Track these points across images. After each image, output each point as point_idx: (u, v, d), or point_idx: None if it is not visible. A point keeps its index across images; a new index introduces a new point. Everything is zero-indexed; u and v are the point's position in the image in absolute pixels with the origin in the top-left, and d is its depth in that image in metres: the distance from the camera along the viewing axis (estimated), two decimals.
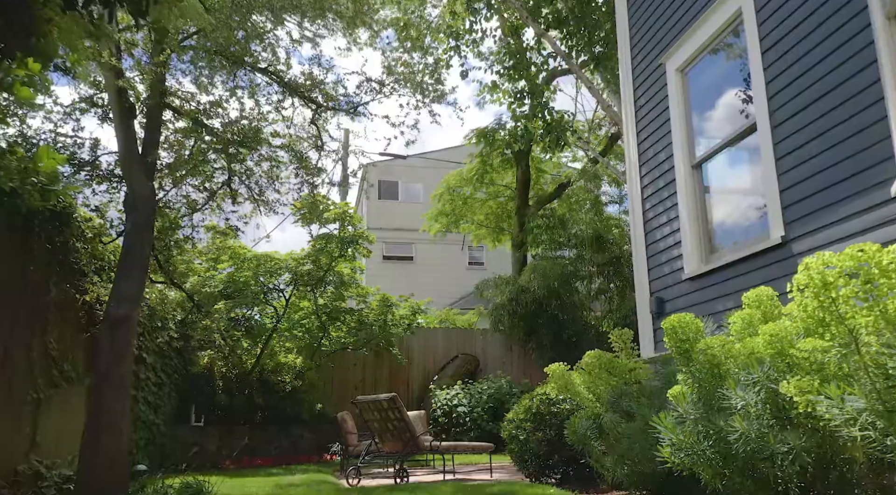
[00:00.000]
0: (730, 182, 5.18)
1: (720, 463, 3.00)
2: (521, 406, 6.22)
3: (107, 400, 4.43)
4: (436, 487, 5.33)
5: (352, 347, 11.87)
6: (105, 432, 4.34)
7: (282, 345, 11.65)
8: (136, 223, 4.87)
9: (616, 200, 13.20)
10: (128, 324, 4.65)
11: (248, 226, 7.43)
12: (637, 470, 4.34)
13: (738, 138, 4.78)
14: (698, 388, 3.14)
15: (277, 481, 6.57)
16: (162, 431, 8.80)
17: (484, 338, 13.52)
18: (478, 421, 11.15)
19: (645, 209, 5.77)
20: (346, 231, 10.25)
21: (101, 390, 4.45)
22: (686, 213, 5.14)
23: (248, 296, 9.37)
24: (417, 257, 24.36)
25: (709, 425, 2.97)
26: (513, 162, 13.99)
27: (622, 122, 6.62)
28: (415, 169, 24.59)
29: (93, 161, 5.62)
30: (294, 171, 6.71)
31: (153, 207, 5.04)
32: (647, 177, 5.77)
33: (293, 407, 10.91)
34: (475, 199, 15.51)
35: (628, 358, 5.00)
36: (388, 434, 6.71)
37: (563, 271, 12.83)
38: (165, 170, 5.91)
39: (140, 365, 7.50)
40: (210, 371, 10.25)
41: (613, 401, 4.67)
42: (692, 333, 3.21)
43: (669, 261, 5.36)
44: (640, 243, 5.75)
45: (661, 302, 5.41)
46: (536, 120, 8.83)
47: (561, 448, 5.80)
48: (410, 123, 8.46)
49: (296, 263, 9.87)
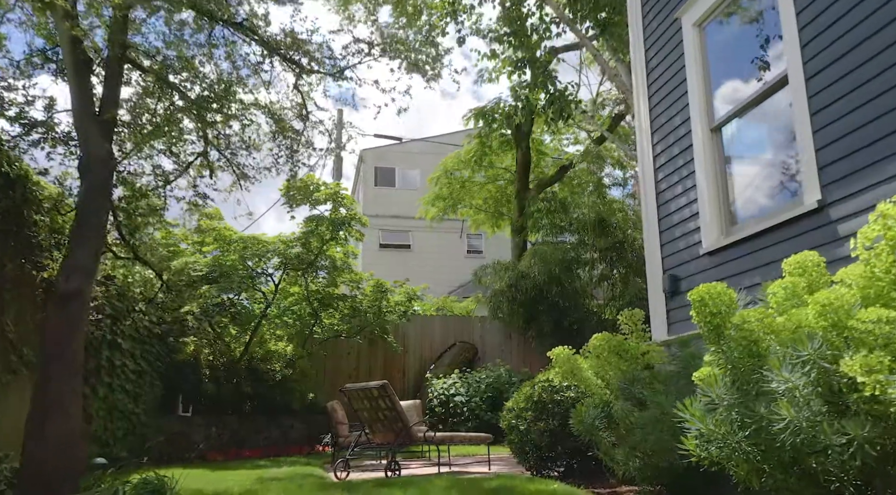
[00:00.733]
0: (754, 145, 4.70)
1: (758, 458, 2.55)
2: (522, 394, 5.77)
3: (56, 382, 3.97)
4: (429, 481, 4.88)
5: (345, 335, 11.44)
6: (52, 418, 3.89)
7: (272, 332, 11.21)
8: (91, 186, 4.38)
9: (620, 182, 12.72)
10: (80, 298, 4.18)
11: (227, 202, 6.94)
12: (651, 464, 3.89)
13: (765, 96, 4.29)
14: (732, 370, 2.68)
15: (261, 474, 6.13)
16: (143, 421, 8.36)
17: (482, 325, 13.08)
18: (476, 410, 10.73)
19: (658, 179, 5.29)
20: (338, 213, 9.76)
21: (49, 371, 3.99)
22: (704, 182, 4.66)
23: (233, 280, 8.90)
24: (415, 245, 23.89)
25: (746, 412, 2.52)
26: (512, 143, 13.48)
27: (631, 89, 6.13)
28: (412, 155, 24.08)
29: (46, 121, 5.11)
30: (277, 143, 6.20)
31: (110, 170, 4.56)
32: (660, 145, 5.29)
33: (283, 396, 10.48)
34: (473, 183, 15.01)
35: (639, 340, 4.55)
36: (378, 424, 6.27)
37: (564, 256, 12.38)
38: (127, 133, 5.39)
39: (115, 351, 7.04)
40: (196, 359, 9.81)
41: (624, 388, 4.22)
42: (724, 305, 2.74)
43: (685, 236, 4.89)
44: (652, 217, 5.28)
45: (675, 280, 4.95)
46: (538, 90, 8.33)
47: (565, 439, 5.36)
48: (402, 89, 7.89)
49: (284, 246, 9.39)
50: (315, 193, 9.50)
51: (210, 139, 5.84)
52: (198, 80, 5.24)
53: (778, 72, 4.15)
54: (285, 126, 5.90)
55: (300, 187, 9.59)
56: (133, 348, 7.78)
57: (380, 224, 23.79)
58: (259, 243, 9.25)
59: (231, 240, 9.13)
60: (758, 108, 4.44)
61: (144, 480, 3.48)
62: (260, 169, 6.27)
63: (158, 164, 5.97)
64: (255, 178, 6.33)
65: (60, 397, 3.92)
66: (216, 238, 9.14)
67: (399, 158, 24.53)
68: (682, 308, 4.87)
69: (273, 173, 6.44)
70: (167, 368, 9.44)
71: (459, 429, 10.61)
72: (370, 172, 24.38)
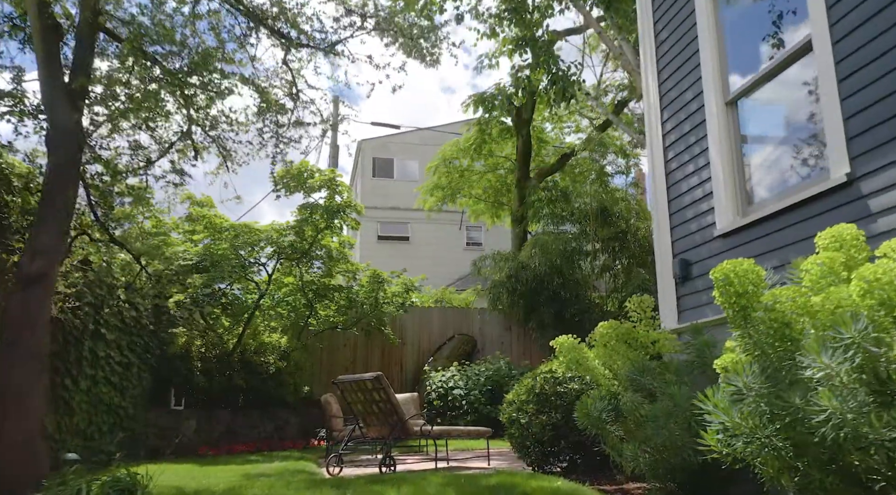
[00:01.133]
0: (772, 119, 4.40)
1: (791, 454, 2.27)
2: (523, 386, 5.49)
3: (16, 373, 3.68)
4: (424, 478, 4.61)
5: (341, 327, 11.16)
6: (11, 413, 3.60)
7: (267, 324, 10.93)
8: (58, 161, 4.08)
9: (623, 171, 12.40)
10: (43, 282, 3.89)
11: (213, 185, 6.63)
12: (663, 460, 3.61)
13: (785, 65, 3.99)
14: (760, 356, 2.39)
15: (249, 470, 5.86)
16: (131, 414, 8.08)
17: (482, 317, 12.81)
18: (475, 404, 10.47)
19: (667, 159, 4.99)
20: (333, 201, 9.45)
21: (7, 361, 3.69)
22: (718, 159, 4.36)
23: (224, 270, 8.60)
24: (413, 237, 23.58)
25: (778, 403, 2.24)
26: (513, 131, 13.16)
27: (637, 68, 5.82)
28: (411, 146, 23.74)
29: (13, 92, 4.79)
30: (264, 119, 5.87)
31: (79, 143, 4.25)
32: (671, 122, 4.99)
33: (277, 389, 10.20)
34: (473, 172, 14.68)
35: (648, 329, 4.26)
36: (373, 417, 5.99)
37: (565, 247, 12.09)
38: (103, 111, 5.07)
39: (98, 341, 6.75)
40: (187, 351, 9.52)
41: (634, 378, 3.94)
42: (751, 284, 2.45)
43: (697, 217, 4.60)
44: (662, 198, 4.98)
45: (686, 264, 4.66)
46: (540, 70, 8.01)
47: (568, 433, 5.09)
48: (397, 65, 7.51)
49: (278, 235, 9.09)
50: (309, 180, 9.19)
51: (194, 118, 5.53)
52: (179, 53, 4.92)
53: (800, 38, 3.85)
54: (270, 99, 5.58)
55: (294, 174, 9.29)
56: (119, 339, 7.50)
57: (378, 216, 23.48)
58: (251, 231, 8.95)
59: (222, 228, 8.83)
60: (777, 79, 4.14)
61: (115, 479, 3.21)
62: (248, 150, 5.95)
63: (139, 143, 5.65)
64: (243, 160, 6.03)
65: (20, 389, 3.64)
66: (206, 226, 8.84)
67: (397, 149, 24.19)
68: (694, 294, 4.58)
69: (262, 155, 6.14)
70: (157, 360, 9.16)
71: (458, 422, 10.36)
72: (368, 163, 24.04)
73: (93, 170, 5.00)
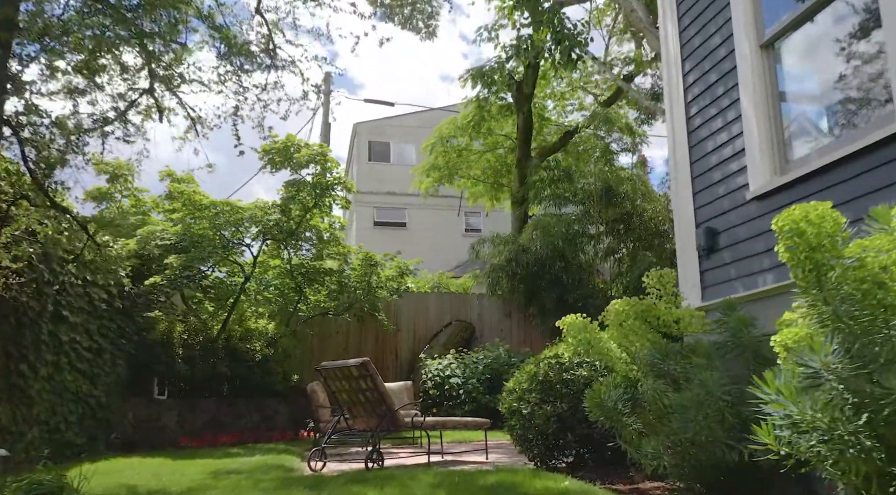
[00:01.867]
0: (817, 61, 3.81)
1: (883, 457, 1.72)
2: (525, 373, 4.94)
3: None
4: (413, 477, 4.06)
5: (332, 313, 10.61)
6: None
7: (255, 309, 10.37)
8: None
9: (629, 148, 11.78)
10: None
11: (182, 150, 6.02)
12: (690, 457, 3.07)
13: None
14: (840, 330, 1.84)
15: (222, 465, 5.32)
16: (103, 404, 7.55)
17: (480, 303, 12.25)
18: (473, 393, 9.94)
19: (690, 116, 4.40)
20: (322, 178, 8.86)
21: None
22: (752, 111, 3.77)
23: (204, 249, 8.02)
24: (411, 223, 22.99)
25: (868, 390, 1.68)
26: (513, 108, 12.52)
27: (652, 21, 5.21)
28: (408, 129, 23.09)
29: None
30: (234, 76, 5.27)
31: None
32: (694, 73, 4.39)
33: (265, 377, 9.66)
34: (471, 151, 14.04)
35: (670, 306, 3.70)
36: (359, 407, 5.45)
37: (568, 229, 11.50)
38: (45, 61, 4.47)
39: (59, 324, 6.19)
40: (168, 337, 8.97)
41: (655, 363, 3.38)
42: (828, 235, 1.88)
43: (725, 179, 4.02)
44: (683, 160, 4.40)
45: (712, 234, 4.08)
46: (544, 30, 7.38)
47: (576, 425, 4.54)
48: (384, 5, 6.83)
49: (262, 213, 8.50)
50: (295, 155, 8.58)
51: (157, 74, 4.94)
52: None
53: None
54: (232, 43, 4.96)
55: (279, 148, 8.69)
56: (87, 322, 6.94)
57: (374, 201, 22.88)
58: (233, 209, 8.35)
59: (202, 205, 8.24)
60: (823, 14, 3.54)
61: (37, 483, 2.66)
62: (220, 112, 5.37)
63: (94, 99, 5.04)
64: (214, 123, 5.45)
65: None
66: (185, 203, 8.25)
67: (394, 132, 23.53)
68: (722, 268, 4.01)
69: (240, 121, 5.55)
70: (136, 347, 8.63)
71: (455, 413, 9.85)
72: (364, 147, 23.40)
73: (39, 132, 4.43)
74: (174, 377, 9.06)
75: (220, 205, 8.28)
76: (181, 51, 4.85)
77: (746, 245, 3.77)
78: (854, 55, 3.44)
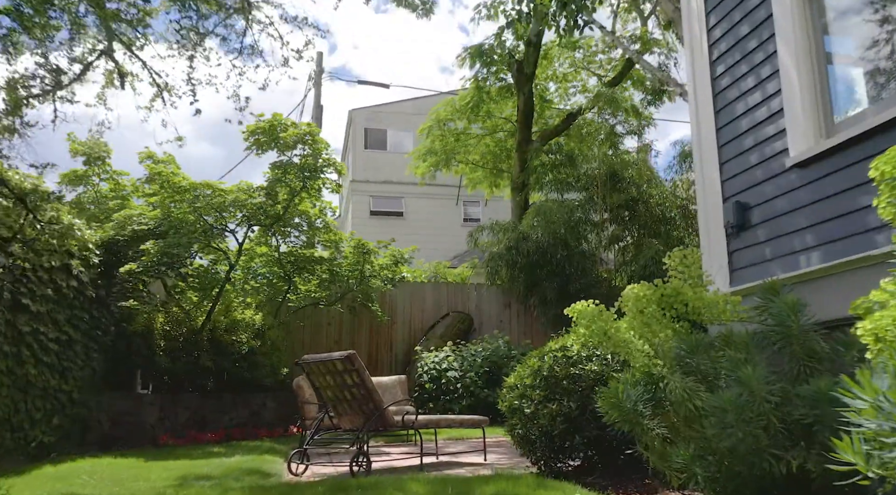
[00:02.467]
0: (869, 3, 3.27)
1: None
2: (527, 367, 4.44)
3: None
4: (402, 486, 3.57)
5: (324, 303, 10.12)
6: None
7: (243, 299, 9.87)
8: None
9: (635, 131, 11.23)
10: None
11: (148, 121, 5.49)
12: (729, 470, 2.58)
13: None
14: None
15: (193, 469, 4.83)
16: (75, 399, 7.06)
17: (479, 293, 11.76)
18: (471, 387, 9.47)
19: (716, 75, 3.88)
20: (309, 159, 8.32)
21: None
22: (793, 64, 3.25)
23: (184, 234, 7.50)
24: (408, 213, 22.46)
25: None
26: (513, 89, 11.96)
27: None
28: (405, 116, 22.50)
29: None
30: (193, 30, 4.71)
31: None
32: (721, 26, 3.86)
33: (252, 371, 9.17)
34: (469, 135, 13.47)
35: (698, 291, 3.19)
36: (345, 405, 4.95)
37: (570, 216, 11.00)
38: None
39: (20, 314, 5.69)
40: (149, 328, 8.48)
41: (683, 357, 2.88)
42: None
43: (759, 146, 3.50)
44: (708, 125, 3.87)
45: (743, 209, 3.57)
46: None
47: (584, 425, 4.05)
48: None
49: (246, 196, 7.97)
50: (282, 134, 8.04)
51: (116, 33, 4.41)
52: None
53: None
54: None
55: (264, 128, 8.15)
56: (53, 312, 6.43)
57: (371, 189, 22.34)
58: (215, 192, 7.82)
59: (180, 187, 7.71)
60: None
61: None
62: (187, 79, 4.84)
63: (51, 66, 4.50)
64: (182, 90, 4.92)
65: None
66: (162, 184, 7.72)
67: (391, 119, 22.94)
68: (755, 247, 3.50)
69: (213, 89, 5.01)
70: (114, 339, 8.14)
71: (452, 408, 9.38)
72: (360, 135, 22.82)
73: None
74: (155, 370, 8.58)
75: (200, 187, 7.75)
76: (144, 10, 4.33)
77: (785, 220, 3.26)
78: None
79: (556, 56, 12.47)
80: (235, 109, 6.42)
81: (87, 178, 9.19)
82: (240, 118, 6.98)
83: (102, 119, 4.95)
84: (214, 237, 8.32)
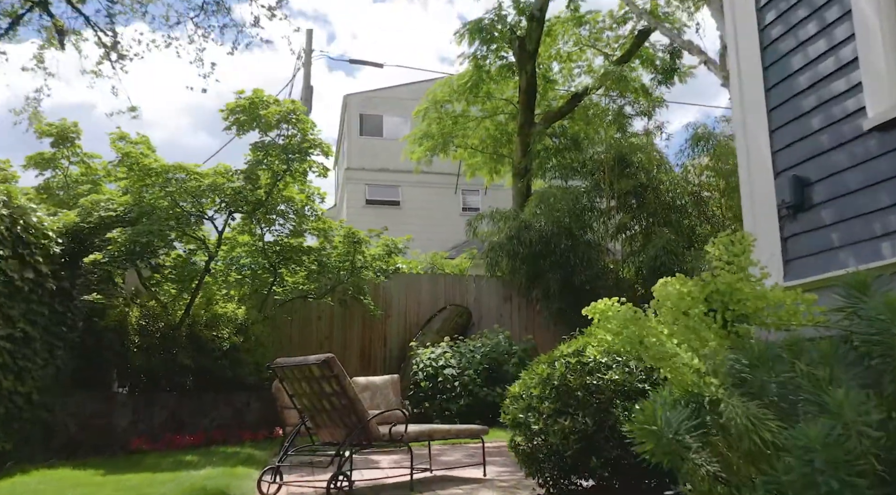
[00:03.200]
0: None
1: None
2: (535, 374, 3.80)
3: None
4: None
5: (312, 296, 9.48)
6: None
7: (227, 292, 9.22)
8: None
9: (645, 112, 10.54)
10: None
11: (94, 88, 4.86)
12: None
13: None
14: None
15: (148, 487, 4.19)
16: (35, 402, 6.44)
17: (478, 285, 11.12)
18: (469, 385, 8.85)
19: (765, 23, 3.20)
20: (293, 140, 7.64)
21: None
22: (870, 4, 2.57)
23: (156, 221, 6.84)
24: (405, 202, 21.78)
25: None
26: (515, 69, 11.25)
27: None
28: (401, 101, 21.76)
29: None
30: None
31: None
32: None
33: (234, 369, 8.54)
34: (468, 118, 12.75)
35: (747, 284, 2.54)
36: (323, 415, 4.32)
37: (575, 203, 10.36)
38: None
39: None
40: (122, 323, 7.84)
41: (736, 372, 2.24)
42: None
43: (824, 106, 2.84)
44: (754, 86, 3.20)
45: (801, 184, 2.91)
46: None
47: (603, 444, 3.42)
48: None
49: (224, 180, 7.30)
50: (262, 112, 7.36)
51: None
52: None
53: None
54: None
55: (244, 106, 7.47)
56: (5, 307, 5.79)
57: (366, 178, 21.65)
58: (190, 175, 7.15)
59: (151, 169, 7.03)
60: None
61: None
62: (141, 38, 4.17)
63: None
64: (135, 51, 4.26)
65: None
66: (131, 166, 7.05)
67: (387, 105, 22.20)
68: (818, 231, 2.85)
69: (173, 51, 4.36)
70: (81, 335, 7.51)
71: (449, 407, 8.78)
72: (355, 121, 22.08)
73: None
74: (129, 368, 7.97)
75: (173, 169, 7.07)
76: None
77: (862, 197, 2.61)
78: None
79: (560, 33, 11.75)
80: (199, 76, 5.79)
81: (56, 162, 8.52)
82: (203, 86, 6.33)
83: (41, 85, 4.38)
84: (191, 225, 7.66)
